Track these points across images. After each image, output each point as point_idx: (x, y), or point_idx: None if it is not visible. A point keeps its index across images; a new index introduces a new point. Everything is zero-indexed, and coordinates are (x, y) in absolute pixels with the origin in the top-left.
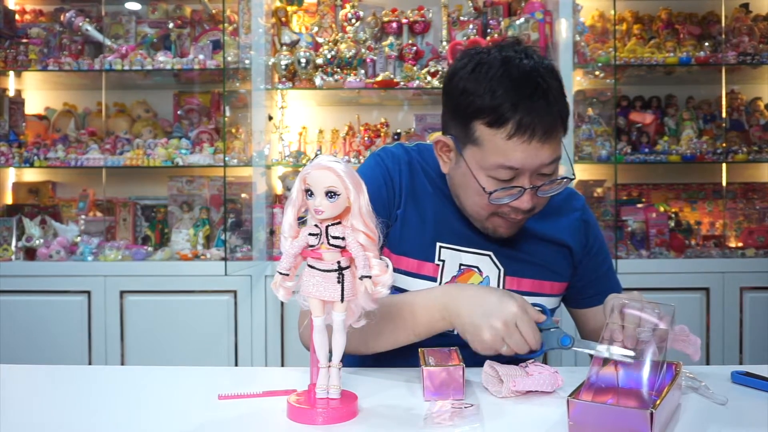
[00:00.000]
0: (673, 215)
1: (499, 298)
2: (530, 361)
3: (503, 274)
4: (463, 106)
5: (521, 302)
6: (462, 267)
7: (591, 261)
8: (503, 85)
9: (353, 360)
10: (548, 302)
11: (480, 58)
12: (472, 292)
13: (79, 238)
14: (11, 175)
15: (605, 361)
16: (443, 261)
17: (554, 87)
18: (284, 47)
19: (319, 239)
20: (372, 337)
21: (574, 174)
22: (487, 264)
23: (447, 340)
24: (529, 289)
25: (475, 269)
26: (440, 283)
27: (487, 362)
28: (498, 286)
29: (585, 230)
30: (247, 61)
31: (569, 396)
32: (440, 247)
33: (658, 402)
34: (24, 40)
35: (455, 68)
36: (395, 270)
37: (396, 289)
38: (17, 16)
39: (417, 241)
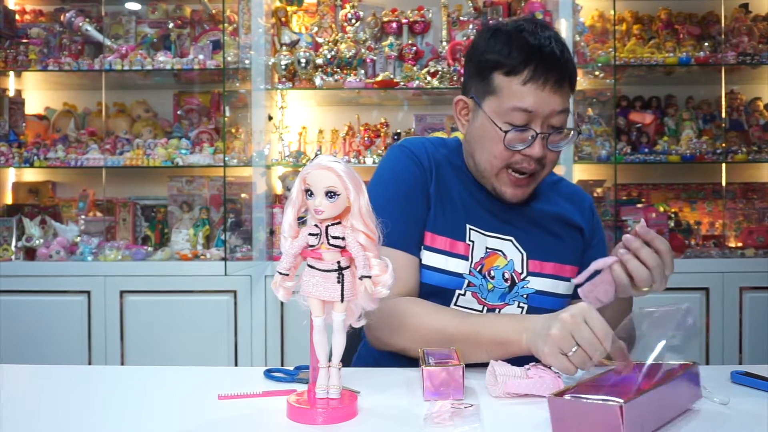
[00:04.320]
0: (672, 215)
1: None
2: (533, 363)
3: (526, 258)
4: (484, 62)
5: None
6: (488, 250)
7: (593, 251)
8: (518, 42)
9: (357, 357)
10: (569, 287)
11: (497, 26)
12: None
13: (79, 238)
14: (11, 175)
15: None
16: (473, 242)
17: (564, 49)
18: (284, 47)
19: (319, 239)
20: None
21: (580, 130)
22: (510, 248)
23: None
24: (551, 272)
25: (500, 253)
26: (471, 262)
27: (492, 361)
28: (522, 269)
29: (592, 218)
30: (247, 61)
31: (552, 394)
32: (470, 228)
33: (633, 396)
34: (24, 40)
35: (476, 39)
36: (431, 249)
37: (432, 269)
38: (17, 16)
39: (448, 220)
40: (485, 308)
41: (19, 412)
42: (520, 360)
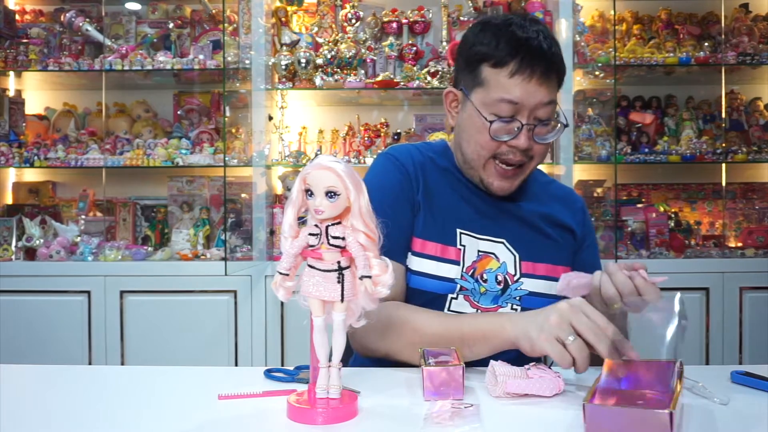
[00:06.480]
0: (672, 215)
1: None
2: (533, 363)
3: (519, 260)
4: (472, 54)
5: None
6: (480, 253)
7: (584, 254)
8: (506, 35)
9: (353, 360)
10: None
11: (487, 19)
12: (527, 312)
13: (79, 238)
14: (11, 175)
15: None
16: (464, 246)
17: (553, 44)
18: (284, 47)
19: (319, 239)
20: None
21: (567, 122)
22: (502, 251)
23: None
24: (544, 273)
25: (492, 255)
26: (463, 267)
27: (492, 361)
28: (514, 271)
29: (583, 219)
30: (247, 61)
31: (584, 400)
32: (460, 232)
33: (674, 402)
34: (24, 40)
35: (466, 33)
36: (422, 255)
37: (424, 275)
38: (17, 16)
39: (438, 226)
40: (479, 311)
41: (19, 412)
42: (519, 360)
